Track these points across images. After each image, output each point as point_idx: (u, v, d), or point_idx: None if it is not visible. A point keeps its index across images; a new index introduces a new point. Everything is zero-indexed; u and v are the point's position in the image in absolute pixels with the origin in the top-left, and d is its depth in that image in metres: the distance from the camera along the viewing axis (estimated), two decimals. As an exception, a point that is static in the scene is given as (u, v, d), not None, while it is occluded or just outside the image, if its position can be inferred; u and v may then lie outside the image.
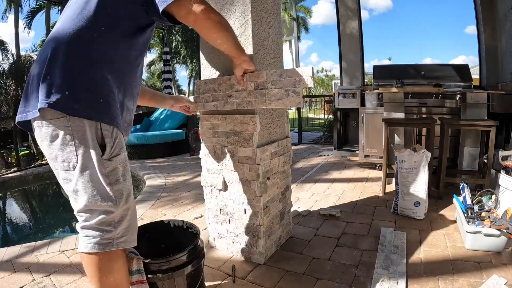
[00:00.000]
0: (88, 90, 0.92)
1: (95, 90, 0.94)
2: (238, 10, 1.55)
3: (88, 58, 0.94)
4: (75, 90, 0.91)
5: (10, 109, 5.97)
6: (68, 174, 0.95)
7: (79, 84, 0.91)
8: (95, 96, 0.93)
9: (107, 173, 0.95)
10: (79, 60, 0.92)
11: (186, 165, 4.40)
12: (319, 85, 26.97)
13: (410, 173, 2.10)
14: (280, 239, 1.82)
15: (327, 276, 1.49)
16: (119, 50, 1.01)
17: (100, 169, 0.94)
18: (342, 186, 2.94)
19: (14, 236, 3.05)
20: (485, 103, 2.66)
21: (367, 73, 5.46)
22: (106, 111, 0.95)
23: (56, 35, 0.94)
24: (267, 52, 1.66)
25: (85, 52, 0.93)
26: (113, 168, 0.96)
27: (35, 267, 1.67)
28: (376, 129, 3.39)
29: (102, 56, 0.96)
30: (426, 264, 1.55)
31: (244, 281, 1.49)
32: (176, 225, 1.40)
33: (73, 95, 0.90)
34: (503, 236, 1.58)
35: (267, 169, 1.62)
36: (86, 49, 0.93)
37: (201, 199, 2.74)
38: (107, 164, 0.95)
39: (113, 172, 0.96)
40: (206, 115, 1.71)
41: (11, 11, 7.60)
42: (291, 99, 1.36)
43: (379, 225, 2.03)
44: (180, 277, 1.14)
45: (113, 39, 0.98)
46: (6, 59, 6.24)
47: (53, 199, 4.35)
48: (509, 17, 3.22)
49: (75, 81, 0.91)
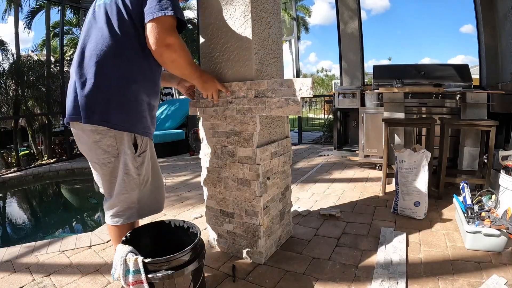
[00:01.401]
0: (123, 109, 1.19)
1: (129, 109, 1.21)
2: (238, 10, 1.55)
3: (122, 78, 1.18)
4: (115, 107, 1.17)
5: (10, 109, 5.96)
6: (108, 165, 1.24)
7: (117, 105, 1.18)
8: (129, 112, 1.21)
9: (137, 165, 1.26)
10: (115, 82, 1.16)
11: (186, 165, 4.40)
12: (319, 85, 26.98)
13: (410, 173, 2.11)
14: (280, 239, 1.82)
15: (327, 276, 1.49)
16: (143, 64, 1.23)
17: (133, 163, 1.25)
18: (342, 186, 2.94)
19: (14, 236, 3.05)
20: (485, 103, 2.66)
21: (367, 73, 5.45)
22: (137, 123, 1.24)
23: (93, 53, 1.16)
24: (267, 52, 1.66)
25: (118, 74, 1.17)
26: (141, 162, 1.27)
27: (35, 267, 1.67)
28: (376, 129, 3.39)
29: (132, 73, 1.20)
30: (426, 264, 1.56)
31: (244, 281, 1.49)
32: (176, 225, 1.40)
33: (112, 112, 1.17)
34: (503, 236, 1.58)
35: (267, 169, 1.62)
36: (118, 71, 1.17)
37: (201, 199, 2.74)
38: (137, 159, 1.26)
39: (142, 164, 1.28)
40: (206, 115, 1.71)
41: (11, 11, 7.59)
42: (291, 107, 1.39)
43: (379, 225, 2.03)
44: (180, 277, 1.14)
45: (137, 56, 1.21)
46: (6, 59, 6.24)
47: (53, 199, 4.35)
48: (509, 17, 3.22)
49: (116, 102, 1.17)
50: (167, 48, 1.16)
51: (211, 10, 1.65)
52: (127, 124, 1.20)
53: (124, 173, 1.24)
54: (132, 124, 1.21)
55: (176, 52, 1.19)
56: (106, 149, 1.21)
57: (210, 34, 1.67)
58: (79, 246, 1.89)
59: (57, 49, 10.64)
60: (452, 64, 3.73)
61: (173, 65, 1.23)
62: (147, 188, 1.32)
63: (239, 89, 1.56)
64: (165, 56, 1.18)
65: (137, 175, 1.26)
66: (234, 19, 1.57)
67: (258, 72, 1.58)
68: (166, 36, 1.15)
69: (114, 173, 1.25)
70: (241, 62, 1.58)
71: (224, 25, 1.61)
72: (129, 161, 1.23)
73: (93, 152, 1.23)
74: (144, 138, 1.27)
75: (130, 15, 1.17)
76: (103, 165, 1.24)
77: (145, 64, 1.23)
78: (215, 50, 1.67)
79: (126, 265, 1.11)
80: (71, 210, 3.83)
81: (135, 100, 1.21)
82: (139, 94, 1.22)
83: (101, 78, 1.14)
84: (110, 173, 1.25)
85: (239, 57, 1.58)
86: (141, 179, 1.28)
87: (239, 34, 1.56)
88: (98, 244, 1.93)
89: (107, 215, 1.31)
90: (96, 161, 1.26)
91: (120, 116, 1.18)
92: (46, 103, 6.20)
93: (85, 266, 1.68)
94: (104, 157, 1.22)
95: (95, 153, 1.23)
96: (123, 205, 1.28)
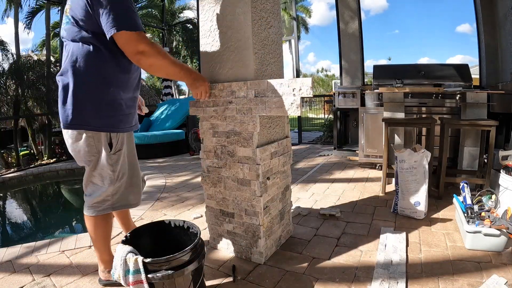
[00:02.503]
0: (100, 112, 1.30)
1: (105, 111, 1.31)
2: (238, 10, 1.54)
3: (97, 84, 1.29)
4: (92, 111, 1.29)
5: (10, 109, 5.95)
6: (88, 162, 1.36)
7: (92, 109, 1.29)
8: (106, 115, 1.32)
9: (112, 162, 1.37)
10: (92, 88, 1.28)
11: (186, 165, 4.40)
12: (319, 85, 26.98)
13: (410, 173, 2.10)
14: (280, 239, 1.82)
15: (327, 276, 1.49)
16: (114, 65, 1.31)
17: (108, 160, 1.36)
18: (342, 186, 2.94)
19: (14, 236, 3.05)
20: (485, 103, 2.66)
21: (367, 73, 5.45)
22: (112, 123, 1.34)
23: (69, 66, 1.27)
24: (267, 52, 1.66)
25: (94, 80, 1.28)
26: (116, 159, 1.38)
27: (35, 267, 1.67)
28: (376, 129, 3.39)
29: (105, 77, 1.30)
30: (426, 264, 1.56)
31: (244, 281, 1.49)
32: (176, 225, 1.40)
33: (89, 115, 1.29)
34: (503, 236, 1.58)
35: (267, 169, 1.62)
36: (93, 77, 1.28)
37: (201, 199, 2.74)
38: (112, 157, 1.37)
39: (117, 161, 1.38)
40: (206, 115, 1.71)
41: (11, 11, 7.59)
42: (291, 107, 1.39)
43: (379, 225, 2.03)
44: (180, 277, 1.14)
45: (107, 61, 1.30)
46: (6, 59, 6.23)
47: (53, 199, 4.35)
48: (509, 17, 3.22)
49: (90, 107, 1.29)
50: (141, 55, 1.25)
51: (211, 10, 1.65)
52: (104, 127, 1.32)
53: (101, 169, 1.37)
54: (108, 125, 1.33)
55: (151, 56, 1.27)
56: (88, 150, 1.34)
57: (210, 34, 1.67)
58: (79, 246, 1.89)
59: (57, 49, 10.64)
60: (452, 64, 3.73)
61: (153, 69, 1.31)
62: (122, 183, 1.43)
63: (239, 89, 1.56)
64: (142, 62, 1.28)
65: (112, 171, 1.38)
66: (234, 19, 1.57)
67: (258, 72, 1.58)
68: (137, 45, 1.23)
69: (94, 170, 1.38)
70: (241, 62, 1.58)
71: (224, 25, 1.61)
72: (104, 158, 1.35)
73: (78, 153, 1.36)
74: (120, 137, 1.38)
75: (86, 30, 1.26)
76: (87, 164, 1.38)
77: (116, 65, 1.32)
78: (215, 50, 1.67)
79: (126, 265, 1.11)
80: (71, 210, 3.83)
81: (112, 102, 1.33)
82: (116, 95, 1.34)
83: (78, 86, 1.26)
84: (91, 169, 1.38)
85: (239, 57, 1.58)
86: (116, 175, 1.39)
87: (239, 34, 1.56)
88: (98, 244, 1.92)
89: (85, 207, 1.44)
90: (83, 162, 1.39)
91: (97, 120, 1.30)
92: (46, 103, 6.20)
93: (85, 266, 1.68)
94: (87, 157, 1.35)
95: (79, 154, 1.35)
96: (98, 198, 1.39)
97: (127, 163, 1.46)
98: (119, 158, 1.39)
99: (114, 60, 1.31)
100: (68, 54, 1.29)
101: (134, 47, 1.23)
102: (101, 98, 1.30)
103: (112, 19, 1.18)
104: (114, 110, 1.34)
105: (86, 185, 1.42)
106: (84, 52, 1.26)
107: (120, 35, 1.21)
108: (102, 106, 1.30)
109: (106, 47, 1.27)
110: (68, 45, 1.30)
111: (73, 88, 1.26)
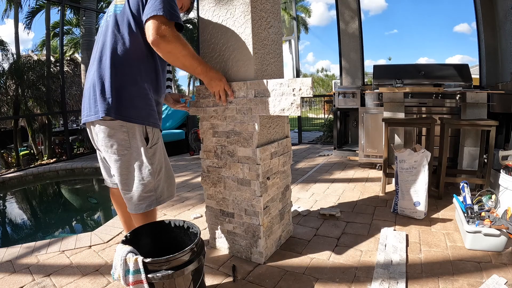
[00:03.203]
0: (136, 105, 1.31)
1: (141, 104, 1.33)
2: (238, 10, 1.54)
3: (134, 79, 1.31)
4: (129, 103, 1.30)
5: (10, 109, 5.95)
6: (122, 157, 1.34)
7: (130, 101, 1.30)
8: (141, 107, 1.33)
9: (150, 156, 1.37)
10: (129, 82, 1.30)
11: (186, 165, 4.40)
12: (319, 85, 26.99)
13: (410, 173, 2.11)
14: (280, 239, 1.82)
15: (327, 276, 1.49)
16: (151, 65, 1.36)
17: (146, 154, 1.36)
18: (342, 186, 2.94)
19: (14, 236, 3.05)
20: (485, 103, 2.66)
21: (367, 73, 5.45)
22: (149, 117, 1.36)
23: (108, 58, 1.28)
24: (267, 52, 1.66)
25: (131, 75, 1.30)
26: (153, 153, 1.39)
27: (35, 267, 1.67)
28: (376, 129, 3.39)
29: (141, 74, 1.33)
30: (426, 264, 1.56)
31: (244, 281, 1.49)
32: (176, 225, 1.40)
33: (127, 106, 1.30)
34: (503, 236, 1.58)
35: (267, 169, 1.62)
36: (131, 72, 1.31)
37: (201, 199, 2.75)
38: (149, 150, 1.37)
39: (154, 155, 1.39)
40: (206, 115, 1.71)
41: (11, 11, 7.60)
42: (291, 107, 1.39)
43: (379, 225, 2.03)
44: (180, 277, 1.14)
45: (145, 58, 1.34)
46: (6, 59, 6.23)
47: (53, 199, 4.35)
48: (509, 17, 3.22)
49: (129, 100, 1.30)
50: (162, 39, 1.23)
51: (211, 10, 1.65)
52: (139, 118, 1.32)
53: (139, 164, 1.36)
54: (143, 117, 1.33)
55: (171, 42, 1.25)
56: (120, 143, 1.32)
57: (210, 34, 1.67)
58: (79, 246, 1.89)
59: (57, 49, 10.65)
60: (452, 64, 3.73)
61: (170, 56, 1.30)
62: (161, 176, 1.44)
63: (239, 89, 1.56)
64: (161, 47, 1.25)
65: (151, 165, 1.37)
66: (234, 19, 1.57)
67: (258, 72, 1.58)
68: (161, 27, 1.22)
69: (129, 166, 1.36)
70: (241, 62, 1.58)
71: (224, 25, 1.61)
72: (142, 153, 1.35)
73: (109, 147, 1.34)
74: (155, 131, 1.40)
75: (137, 22, 1.29)
76: (118, 159, 1.35)
77: (152, 66, 1.37)
78: (215, 50, 1.67)
79: (126, 265, 1.11)
80: (71, 210, 3.83)
81: (145, 96, 1.34)
82: (149, 92, 1.36)
83: (116, 79, 1.27)
84: (126, 166, 1.36)
85: (239, 57, 1.58)
86: (155, 168, 1.39)
87: (239, 34, 1.56)
88: (98, 244, 1.93)
89: (130, 206, 1.42)
90: (112, 156, 1.35)
91: (133, 111, 1.30)
92: (46, 103, 6.20)
93: (85, 266, 1.68)
94: (119, 151, 1.33)
95: (110, 148, 1.33)
96: (142, 194, 1.39)
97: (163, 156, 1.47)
98: (155, 152, 1.40)
99: (152, 58, 1.35)
100: (107, 43, 1.29)
101: (158, 29, 1.22)
102: (139, 92, 1.31)
103: (156, 5, 1.22)
104: (150, 106, 1.36)
105: (124, 184, 1.38)
106: (128, 45, 1.28)
107: (155, 18, 1.22)
108: (140, 100, 1.32)
109: (146, 43, 1.29)
110: (111, 34, 1.30)
111: (113, 78, 1.26)
